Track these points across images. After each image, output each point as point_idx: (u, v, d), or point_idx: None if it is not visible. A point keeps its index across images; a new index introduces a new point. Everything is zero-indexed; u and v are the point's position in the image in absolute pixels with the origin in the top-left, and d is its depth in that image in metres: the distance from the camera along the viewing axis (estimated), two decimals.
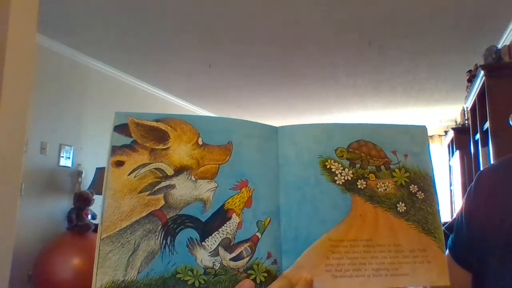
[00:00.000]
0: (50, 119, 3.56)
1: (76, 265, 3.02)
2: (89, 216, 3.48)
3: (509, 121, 0.57)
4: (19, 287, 3.12)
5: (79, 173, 3.83)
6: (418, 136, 0.49)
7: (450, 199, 5.26)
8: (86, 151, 3.93)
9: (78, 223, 3.29)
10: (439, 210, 0.47)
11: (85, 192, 3.48)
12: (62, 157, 3.67)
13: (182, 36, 3.41)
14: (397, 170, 0.48)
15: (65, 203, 3.62)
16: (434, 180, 0.48)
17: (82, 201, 3.40)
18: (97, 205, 3.50)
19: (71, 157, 3.76)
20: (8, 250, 1.76)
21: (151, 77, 4.57)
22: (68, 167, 3.74)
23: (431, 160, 0.49)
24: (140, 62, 4.09)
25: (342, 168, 0.47)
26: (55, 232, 3.45)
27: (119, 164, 0.42)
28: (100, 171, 3.66)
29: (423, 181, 0.48)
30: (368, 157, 0.47)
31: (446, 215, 5.20)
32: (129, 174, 0.42)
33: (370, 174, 0.47)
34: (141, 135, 0.43)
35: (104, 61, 4.09)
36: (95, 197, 3.48)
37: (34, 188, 3.36)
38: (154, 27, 3.24)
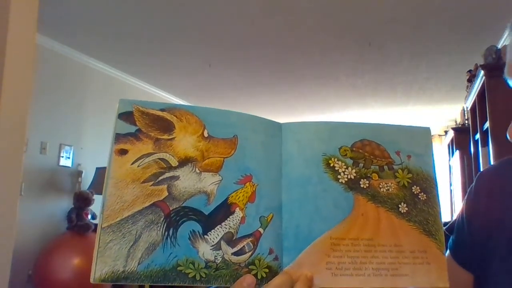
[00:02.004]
0: (50, 119, 3.56)
1: (76, 265, 3.02)
2: (89, 216, 3.48)
3: (506, 135, 0.55)
4: (19, 287, 3.12)
5: (79, 173, 3.82)
6: (422, 137, 0.49)
7: (450, 199, 5.25)
8: (86, 151, 3.93)
9: (78, 223, 3.29)
10: (440, 212, 0.47)
11: (85, 192, 3.48)
12: (62, 157, 3.67)
13: (182, 36, 3.41)
14: (400, 170, 0.48)
15: (65, 203, 3.62)
16: (436, 182, 0.48)
17: (82, 201, 3.40)
18: (97, 205, 3.49)
19: (71, 157, 3.76)
20: (8, 250, 1.76)
21: (151, 77, 4.56)
22: (68, 167, 3.74)
23: (434, 161, 0.49)
24: (140, 62, 4.08)
25: (345, 166, 0.47)
26: (55, 232, 3.45)
27: (123, 152, 0.41)
28: (100, 171, 3.66)
29: (425, 183, 0.48)
30: (371, 156, 0.47)
31: (446, 215, 5.21)
32: (132, 163, 0.41)
33: (373, 174, 0.47)
34: (146, 124, 0.43)
35: (104, 61, 4.09)
36: (95, 197, 3.48)
37: (34, 188, 3.36)
38: (154, 27, 3.24)
